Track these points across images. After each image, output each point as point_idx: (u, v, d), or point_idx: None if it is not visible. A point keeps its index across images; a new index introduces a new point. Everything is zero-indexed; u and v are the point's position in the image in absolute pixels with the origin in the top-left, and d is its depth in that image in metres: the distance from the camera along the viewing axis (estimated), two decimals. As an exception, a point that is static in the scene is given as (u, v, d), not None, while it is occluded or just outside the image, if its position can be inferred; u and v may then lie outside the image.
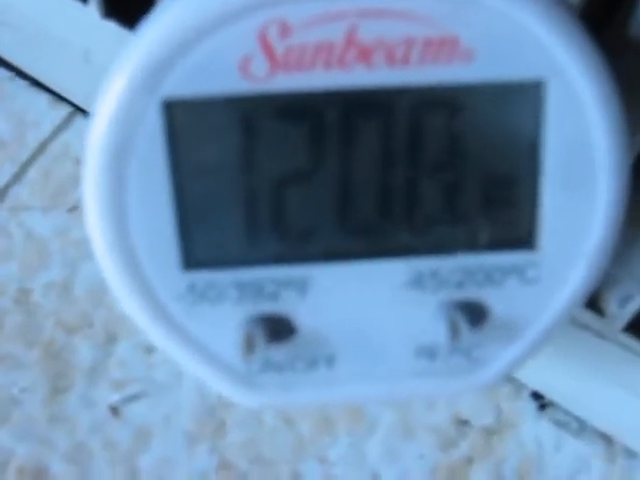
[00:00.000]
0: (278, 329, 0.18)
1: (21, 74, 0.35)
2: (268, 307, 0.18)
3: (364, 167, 0.17)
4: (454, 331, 0.18)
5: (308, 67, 0.16)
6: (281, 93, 0.16)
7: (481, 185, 0.17)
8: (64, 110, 0.34)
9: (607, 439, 0.28)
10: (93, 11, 0.28)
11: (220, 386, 0.19)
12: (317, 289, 0.18)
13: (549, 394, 0.28)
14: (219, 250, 0.18)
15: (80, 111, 0.34)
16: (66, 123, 0.34)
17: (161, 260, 0.18)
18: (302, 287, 0.18)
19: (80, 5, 0.28)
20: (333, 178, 0.17)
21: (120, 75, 0.16)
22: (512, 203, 0.18)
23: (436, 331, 0.18)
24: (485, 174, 0.17)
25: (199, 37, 0.16)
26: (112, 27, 0.28)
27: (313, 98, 0.16)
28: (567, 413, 0.28)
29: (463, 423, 0.28)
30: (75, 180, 0.32)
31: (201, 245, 0.18)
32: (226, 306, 0.18)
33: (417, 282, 0.18)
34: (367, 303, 0.18)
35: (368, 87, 0.16)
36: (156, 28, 0.16)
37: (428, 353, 0.19)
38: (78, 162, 0.33)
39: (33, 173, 0.33)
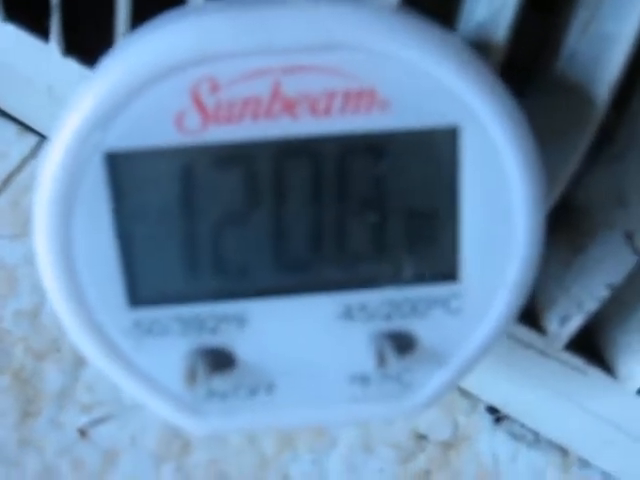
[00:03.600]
0: (219, 360, 0.19)
1: (-12, 105, 0.35)
2: (209, 340, 0.19)
3: (295, 209, 0.18)
4: (381, 360, 0.19)
5: (238, 119, 0.17)
6: (214, 144, 0.17)
7: (405, 223, 0.19)
8: (32, 140, 0.35)
9: (562, 450, 0.28)
10: (54, 50, 0.29)
11: (168, 414, 0.20)
12: (255, 323, 0.19)
13: (504, 408, 0.29)
14: (162, 288, 0.19)
15: (47, 141, 0.35)
16: (34, 153, 0.35)
17: (108, 299, 0.19)
18: (240, 321, 0.19)
19: (42, 44, 0.29)
20: (266, 220, 0.18)
21: (65, 129, 0.17)
22: (434, 239, 0.19)
23: (367, 360, 0.20)
24: (408, 213, 0.18)
25: (135, 94, 0.17)
26: (73, 64, 0.29)
27: (244, 147, 0.17)
28: (522, 425, 0.29)
29: (421, 437, 0.29)
30: (43, 209, 0.34)
31: (145, 284, 0.19)
32: (170, 340, 0.19)
33: (347, 315, 0.19)
34: (302, 335, 0.19)
35: (294, 136, 0.17)
36: (96, 86, 0.17)
37: (361, 380, 0.20)
38: (46, 191, 0.34)
39: (2, 202, 0.33)
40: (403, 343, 0.19)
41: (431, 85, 0.17)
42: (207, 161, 0.18)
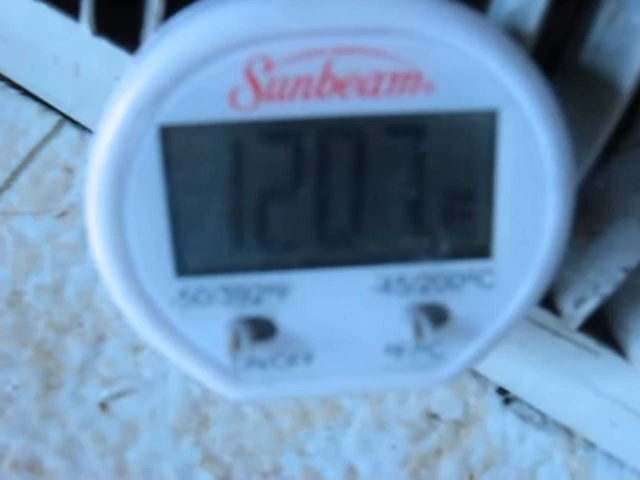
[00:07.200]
0: (261, 329, 0.20)
1: (10, 83, 0.35)
2: (252, 310, 0.20)
3: (338, 184, 0.19)
4: (418, 331, 0.20)
5: (289, 97, 0.18)
6: (265, 120, 0.18)
7: (442, 201, 0.19)
8: (53, 119, 0.35)
9: (568, 431, 0.29)
10: (84, 29, 0.29)
11: (209, 382, 0.21)
12: (296, 294, 0.20)
13: (513, 389, 0.30)
14: (208, 258, 0.19)
15: (68, 120, 0.35)
16: (55, 131, 0.35)
17: (156, 268, 0.19)
18: (283, 292, 0.20)
19: (72, 23, 0.29)
20: (310, 194, 0.19)
21: (121, 103, 0.18)
22: (470, 217, 0.20)
23: (402, 331, 0.20)
24: (446, 191, 0.19)
25: (192, 70, 0.17)
26: (102, 44, 0.29)
27: (293, 124, 0.18)
28: (530, 407, 0.30)
29: (433, 417, 0.29)
30: (64, 186, 0.33)
31: (192, 254, 0.19)
32: (215, 309, 0.20)
33: (385, 287, 0.20)
34: (341, 306, 0.20)
35: (342, 115, 0.18)
36: (153, 61, 0.18)
37: (395, 350, 0.21)
38: (66, 169, 0.34)
39: (23, 179, 0.33)
40: (437, 316, 0.20)
41: (474, 69, 0.18)
42: (257, 136, 0.18)
